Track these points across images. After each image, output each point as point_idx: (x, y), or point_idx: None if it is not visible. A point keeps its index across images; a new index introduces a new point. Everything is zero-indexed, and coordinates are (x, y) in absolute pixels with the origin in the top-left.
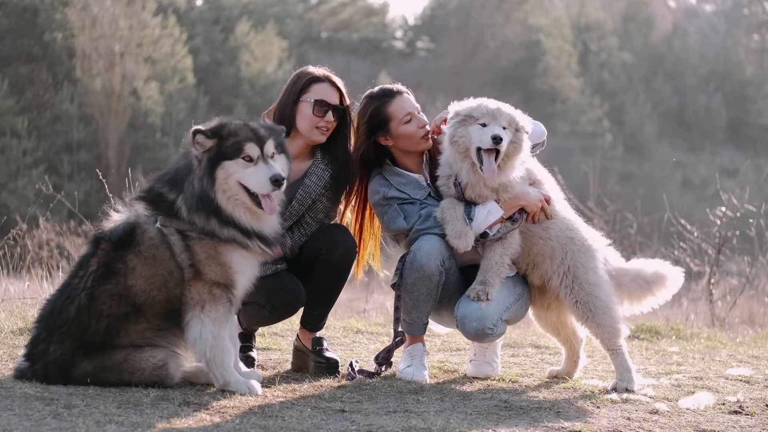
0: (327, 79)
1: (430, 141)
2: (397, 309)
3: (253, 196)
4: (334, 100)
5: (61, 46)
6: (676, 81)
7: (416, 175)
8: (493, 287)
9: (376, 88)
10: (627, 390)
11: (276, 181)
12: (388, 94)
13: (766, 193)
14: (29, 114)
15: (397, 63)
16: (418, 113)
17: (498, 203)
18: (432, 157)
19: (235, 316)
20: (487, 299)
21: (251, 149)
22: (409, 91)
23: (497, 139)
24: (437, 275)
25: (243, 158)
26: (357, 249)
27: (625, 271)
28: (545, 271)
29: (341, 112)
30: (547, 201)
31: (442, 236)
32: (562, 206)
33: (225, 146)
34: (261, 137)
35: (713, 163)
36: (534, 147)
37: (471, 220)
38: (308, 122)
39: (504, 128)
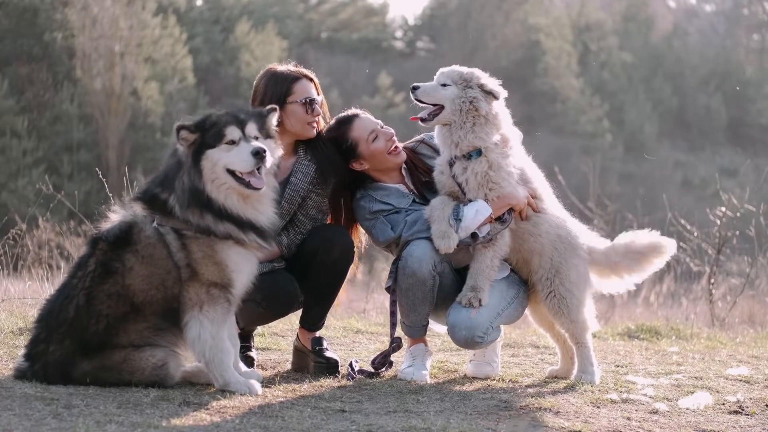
0: (303, 76)
1: (403, 153)
2: (393, 314)
3: (241, 180)
4: (314, 93)
5: (61, 46)
6: (676, 81)
7: (397, 185)
8: (484, 291)
9: (333, 121)
10: (588, 383)
11: (257, 154)
12: (346, 121)
13: (766, 193)
14: (29, 114)
15: (397, 63)
16: (382, 128)
17: (487, 202)
18: (411, 168)
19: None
20: (480, 305)
21: (232, 132)
22: (365, 111)
23: (413, 87)
24: (430, 279)
25: (225, 143)
26: (354, 248)
27: (613, 249)
28: (533, 266)
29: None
30: (533, 196)
31: (432, 239)
32: (551, 202)
33: (207, 136)
34: (241, 120)
35: (713, 163)
36: None
37: (459, 220)
38: (301, 121)
39: (444, 85)
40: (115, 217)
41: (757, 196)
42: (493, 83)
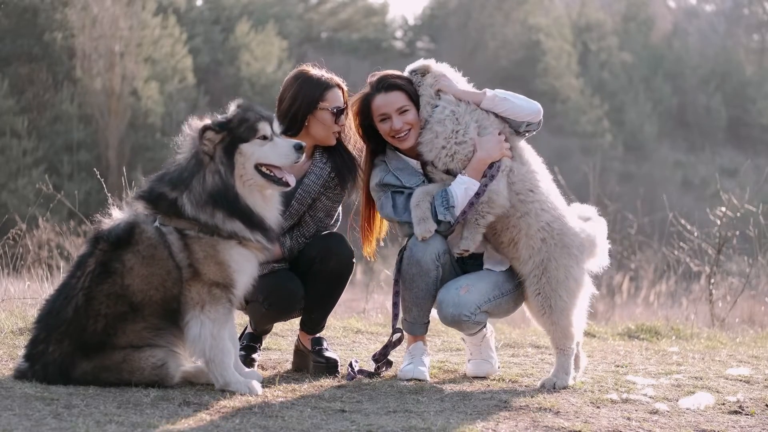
0: (336, 85)
1: (409, 140)
2: (395, 304)
3: (269, 176)
4: (343, 103)
5: (61, 46)
6: (676, 81)
7: (414, 162)
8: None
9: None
10: (554, 386)
11: (300, 148)
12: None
13: (766, 193)
14: (29, 114)
15: (397, 63)
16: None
17: (465, 175)
18: None
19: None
20: (468, 252)
21: (265, 128)
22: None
23: None
24: (434, 270)
25: (258, 138)
26: (353, 258)
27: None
28: (521, 252)
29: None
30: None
31: (437, 231)
32: (549, 187)
33: (239, 131)
34: (268, 117)
35: (713, 163)
36: (528, 126)
37: (453, 207)
38: (327, 129)
39: None
40: (118, 215)
41: (757, 196)
42: (416, 65)
